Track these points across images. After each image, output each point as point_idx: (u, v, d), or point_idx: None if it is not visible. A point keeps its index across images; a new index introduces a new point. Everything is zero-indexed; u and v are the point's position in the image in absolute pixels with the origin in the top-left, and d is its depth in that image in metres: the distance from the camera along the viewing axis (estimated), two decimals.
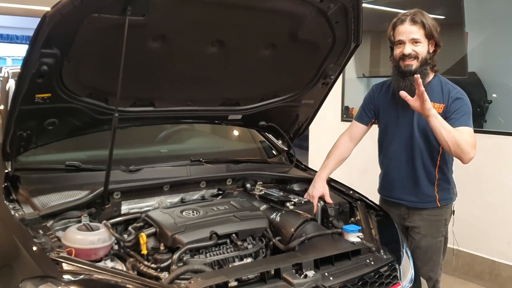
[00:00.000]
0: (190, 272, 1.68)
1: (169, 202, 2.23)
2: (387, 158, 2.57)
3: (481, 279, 3.87)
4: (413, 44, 2.32)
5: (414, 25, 2.31)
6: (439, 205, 2.46)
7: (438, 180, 2.45)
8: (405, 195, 2.51)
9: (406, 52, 2.32)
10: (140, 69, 2.04)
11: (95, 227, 1.81)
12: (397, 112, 2.47)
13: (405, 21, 2.33)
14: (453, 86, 2.40)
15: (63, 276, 1.52)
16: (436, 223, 2.48)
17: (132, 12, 1.73)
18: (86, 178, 2.14)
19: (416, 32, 2.31)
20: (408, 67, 2.34)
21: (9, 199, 1.92)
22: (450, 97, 2.34)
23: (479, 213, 3.78)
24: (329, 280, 1.74)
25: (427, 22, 2.31)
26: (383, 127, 2.58)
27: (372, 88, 2.66)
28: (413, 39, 2.32)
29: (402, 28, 2.34)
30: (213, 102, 2.46)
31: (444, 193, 2.48)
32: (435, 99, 2.35)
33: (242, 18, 2.01)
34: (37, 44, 1.66)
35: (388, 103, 2.52)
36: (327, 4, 2.07)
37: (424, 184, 2.45)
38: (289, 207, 2.23)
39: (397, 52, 2.38)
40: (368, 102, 2.62)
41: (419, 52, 2.33)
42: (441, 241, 2.51)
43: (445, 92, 2.37)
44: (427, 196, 2.46)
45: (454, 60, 3.88)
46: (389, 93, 2.52)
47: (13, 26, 12.21)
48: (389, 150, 2.54)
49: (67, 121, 2.09)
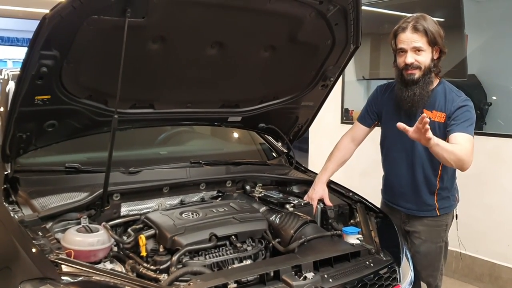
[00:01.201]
0: (189, 274, 1.68)
1: (168, 204, 2.23)
2: (387, 162, 2.56)
3: (481, 281, 3.87)
4: (416, 52, 2.25)
5: (415, 33, 2.23)
6: (438, 214, 2.43)
7: (438, 189, 2.41)
8: (404, 202, 2.49)
9: (408, 62, 2.26)
10: (140, 71, 2.04)
11: (95, 229, 1.80)
12: (400, 119, 2.39)
13: (407, 29, 2.25)
14: (457, 95, 2.32)
15: (62, 278, 1.51)
16: (436, 229, 2.46)
17: (132, 14, 1.73)
18: (86, 180, 2.14)
19: (418, 40, 2.23)
20: (411, 76, 2.27)
21: (9, 200, 1.92)
22: (453, 106, 2.28)
23: (479, 215, 3.78)
24: (328, 282, 1.74)
25: (430, 28, 2.22)
26: (385, 131, 2.55)
27: (376, 90, 2.60)
28: (415, 47, 2.24)
29: (404, 36, 2.26)
30: (212, 104, 2.46)
31: (444, 202, 2.44)
32: (438, 108, 2.31)
33: (241, 20, 2.02)
34: (36, 46, 1.66)
35: (391, 108, 2.47)
36: (327, 6, 2.07)
37: (424, 193, 2.42)
38: (288, 209, 2.23)
39: (400, 61, 2.31)
40: (372, 104, 2.57)
41: (422, 61, 2.25)
42: (441, 247, 2.48)
43: (449, 100, 2.31)
44: (426, 205, 2.43)
45: (454, 62, 3.89)
46: (393, 97, 2.47)
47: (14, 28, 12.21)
48: (390, 155, 2.52)
49: (66, 122, 2.09)
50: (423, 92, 2.29)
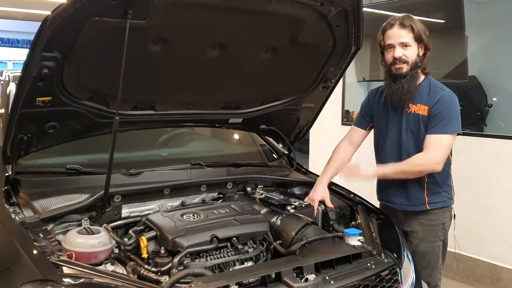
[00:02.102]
0: (190, 276, 1.68)
1: (169, 206, 2.22)
2: (380, 161, 2.58)
3: (482, 283, 3.86)
4: (403, 47, 2.35)
5: (403, 29, 2.34)
6: (428, 208, 2.45)
7: (427, 183, 2.44)
8: (395, 197, 2.52)
9: (396, 55, 2.36)
10: (141, 73, 2.04)
11: (96, 230, 1.80)
12: (387, 115, 2.51)
13: (394, 25, 2.36)
14: (441, 88, 2.41)
15: (63, 280, 1.51)
16: (433, 228, 2.47)
17: (133, 16, 1.73)
18: (87, 181, 2.14)
19: (405, 36, 2.34)
20: (399, 71, 2.37)
21: (10, 202, 1.92)
22: (434, 99, 2.37)
23: (480, 217, 3.78)
24: (330, 283, 1.73)
25: (416, 26, 2.34)
26: (377, 131, 2.62)
27: (369, 93, 2.70)
28: (402, 42, 2.35)
29: (392, 32, 2.37)
30: (213, 106, 2.46)
31: (434, 197, 2.46)
32: (421, 101, 2.40)
33: (242, 22, 2.02)
34: (38, 47, 1.66)
35: (381, 107, 2.56)
36: (328, 8, 2.08)
37: (413, 186, 2.45)
38: (289, 210, 2.23)
39: (388, 57, 2.41)
40: (365, 107, 2.66)
41: (409, 56, 2.36)
42: (439, 246, 2.49)
43: (432, 93, 2.39)
44: (415, 199, 2.46)
45: (454, 64, 3.89)
46: (382, 97, 2.56)
47: (14, 30, 12.23)
48: (382, 153, 2.57)
49: (67, 124, 2.09)
50: (410, 86, 2.38)
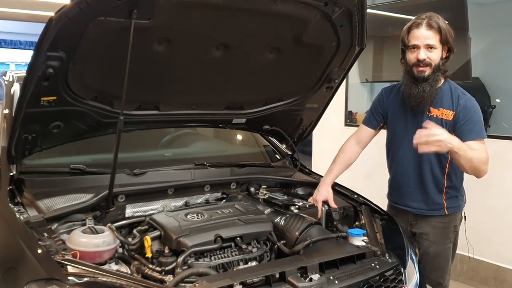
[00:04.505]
0: (194, 275, 1.68)
1: (173, 206, 2.23)
2: (394, 163, 2.55)
3: (486, 284, 3.85)
4: (428, 49, 2.26)
5: (430, 30, 2.25)
6: (446, 213, 2.42)
7: (446, 188, 2.41)
8: (412, 202, 2.47)
9: (421, 58, 2.26)
10: (145, 73, 2.04)
11: (100, 230, 1.80)
12: (406, 118, 2.43)
13: (421, 25, 2.26)
14: (462, 92, 2.35)
15: (68, 279, 1.52)
16: (444, 230, 2.44)
17: (138, 16, 1.74)
18: (91, 181, 2.14)
19: (432, 38, 2.25)
20: (421, 73, 2.29)
21: (14, 202, 1.92)
22: (459, 104, 2.30)
23: (484, 218, 3.77)
24: (334, 283, 1.73)
25: (443, 27, 2.25)
26: (391, 132, 2.55)
27: (381, 92, 2.62)
28: (428, 44, 2.26)
29: (418, 32, 2.26)
30: (217, 106, 2.46)
31: (452, 201, 2.43)
32: (445, 106, 2.33)
33: (247, 22, 2.02)
34: (43, 47, 1.67)
35: (397, 108, 2.49)
36: (332, 8, 2.07)
37: (432, 192, 2.41)
38: (293, 211, 2.23)
39: (411, 57, 2.31)
40: (377, 106, 2.58)
41: (433, 59, 2.27)
42: (450, 248, 2.47)
43: (455, 98, 2.33)
44: (434, 204, 2.42)
45: (458, 65, 3.88)
46: (398, 97, 2.48)
47: (17, 31, 12.25)
48: (397, 155, 2.51)
49: (72, 124, 2.10)
50: (432, 90, 2.30)
